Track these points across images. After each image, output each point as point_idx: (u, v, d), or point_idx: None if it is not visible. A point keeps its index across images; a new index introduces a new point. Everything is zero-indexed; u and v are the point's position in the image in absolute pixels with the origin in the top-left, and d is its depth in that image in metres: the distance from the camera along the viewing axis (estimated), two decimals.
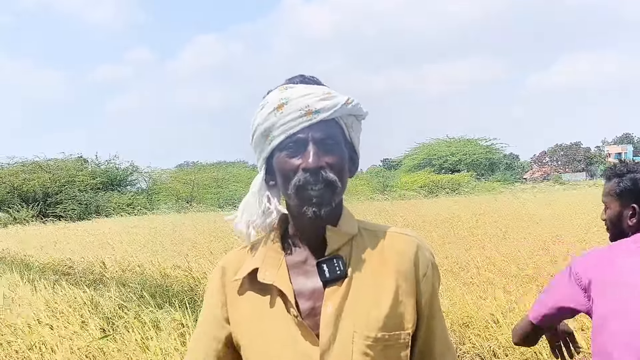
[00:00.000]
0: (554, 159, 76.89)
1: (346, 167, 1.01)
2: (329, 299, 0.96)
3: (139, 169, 36.82)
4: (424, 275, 1.03)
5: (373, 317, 0.97)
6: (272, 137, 0.98)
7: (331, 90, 1.02)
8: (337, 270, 0.98)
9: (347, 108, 1.00)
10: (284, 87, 1.01)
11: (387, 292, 0.99)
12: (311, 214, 0.95)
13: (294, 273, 1.00)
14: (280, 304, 0.99)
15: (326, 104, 0.97)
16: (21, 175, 30.86)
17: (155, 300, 5.23)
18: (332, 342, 0.95)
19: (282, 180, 0.98)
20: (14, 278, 6.81)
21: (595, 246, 6.52)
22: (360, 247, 1.02)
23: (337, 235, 1.01)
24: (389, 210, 15.57)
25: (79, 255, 9.99)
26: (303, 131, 0.96)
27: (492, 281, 5.28)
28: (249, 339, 1.00)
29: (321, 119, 0.97)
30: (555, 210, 12.25)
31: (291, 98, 0.97)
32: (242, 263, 1.05)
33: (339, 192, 0.98)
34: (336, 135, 0.99)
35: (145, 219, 20.97)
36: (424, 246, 1.05)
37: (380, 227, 1.08)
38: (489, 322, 4.19)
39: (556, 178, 52.62)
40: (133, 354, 3.67)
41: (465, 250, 7.21)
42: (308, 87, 1.00)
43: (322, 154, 0.95)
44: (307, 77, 1.04)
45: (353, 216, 1.07)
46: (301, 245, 1.03)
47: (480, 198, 19.91)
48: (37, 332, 4.19)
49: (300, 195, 0.96)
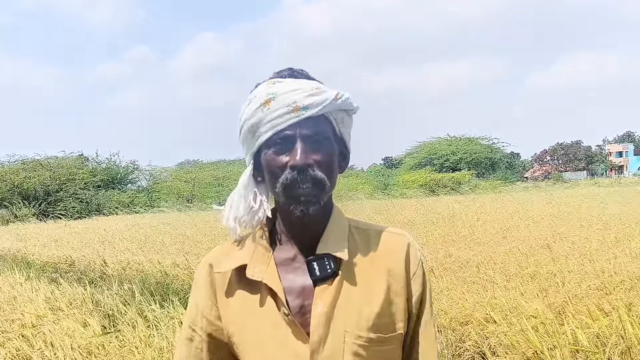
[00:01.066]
0: (555, 157, 76.77)
1: (335, 164, 0.99)
2: (319, 297, 0.95)
3: (140, 167, 36.89)
4: (414, 274, 1.02)
5: (364, 317, 0.96)
6: (259, 133, 0.96)
7: (320, 84, 0.99)
8: (328, 268, 0.96)
9: (337, 103, 0.97)
10: (272, 81, 0.98)
11: (378, 291, 0.98)
12: (299, 212, 0.94)
13: (283, 270, 0.99)
14: (269, 301, 0.97)
15: (314, 100, 0.95)
16: (22, 174, 30.89)
17: (155, 297, 5.23)
18: (323, 341, 0.94)
19: (270, 178, 0.97)
20: (15, 276, 6.82)
21: (596, 245, 6.49)
22: (351, 246, 1.00)
23: (331, 234, 1.00)
24: (389, 209, 15.55)
25: (79, 253, 10.00)
26: (291, 128, 0.94)
27: (493, 280, 5.28)
28: (239, 337, 0.99)
29: (309, 116, 0.94)
30: (555, 209, 12.23)
31: (279, 93, 0.95)
32: (229, 259, 1.03)
33: (328, 190, 0.96)
34: (325, 131, 0.97)
35: (146, 217, 20.96)
36: (414, 245, 1.05)
37: (371, 226, 1.07)
38: (490, 321, 4.19)
39: (557, 177, 52.57)
40: (135, 351, 3.67)
41: (466, 249, 7.20)
42: (296, 81, 0.97)
43: (310, 151, 0.94)
44: (295, 71, 1.01)
45: (343, 214, 1.05)
46: (290, 242, 1.01)
47: (481, 197, 19.88)
48: (38, 330, 4.19)
49: (288, 193, 0.94)
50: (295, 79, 0.98)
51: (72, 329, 4.13)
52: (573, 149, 75.21)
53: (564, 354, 3.28)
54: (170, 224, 15.55)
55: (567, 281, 4.74)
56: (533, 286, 4.86)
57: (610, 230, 7.49)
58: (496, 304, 4.40)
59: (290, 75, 0.99)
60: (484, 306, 4.43)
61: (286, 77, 0.99)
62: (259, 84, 1.00)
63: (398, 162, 55.52)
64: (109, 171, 35.04)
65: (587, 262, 5.40)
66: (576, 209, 11.68)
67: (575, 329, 3.42)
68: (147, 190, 35.24)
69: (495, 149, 48.47)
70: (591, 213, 10.25)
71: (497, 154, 48.18)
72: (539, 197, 17.54)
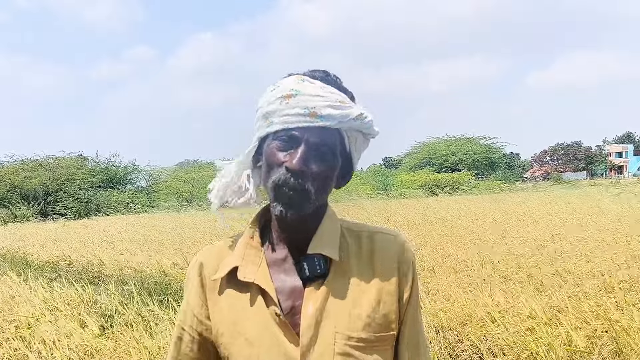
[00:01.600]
0: (555, 158, 76.79)
1: (331, 179, 0.97)
2: (309, 298, 0.95)
3: (139, 167, 36.87)
4: (405, 275, 1.01)
5: (355, 318, 0.95)
6: (270, 122, 0.95)
7: (346, 99, 0.96)
8: (318, 268, 0.96)
9: (356, 123, 0.95)
10: (302, 77, 0.96)
11: (370, 292, 0.98)
12: (277, 212, 0.94)
13: (274, 271, 0.98)
14: (260, 302, 0.96)
15: (334, 113, 0.92)
16: (21, 174, 30.86)
17: (153, 298, 5.23)
18: (313, 343, 0.93)
19: (266, 169, 0.96)
20: (13, 276, 6.81)
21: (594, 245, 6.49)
22: (343, 246, 1.00)
23: (322, 235, 0.99)
24: (389, 209, 15.55)
25: (78, 253, 10.00)
26: (300, 130, 0.92)
27: (491, 280, 5.28)
28: (229, 337, 0.98)
29: (323, 126, 0.92)
30: (554, 209, 12.24)
31: (302, 93, 0.93)
32: (221, 259, 1.03)
33: (312, 203, 0.94)
34: (333, 144, 0.95)
35: (145, 217, 20.97)
36: (406, 246, 1.04)
37: (363, 226, 1.07)
38: (487, 321, 4.19)
39: (557, 177, 52.57)
40: (132, 351, 3.67)
41: (465, 249, 7.21)
42: (324, 88, 0.95)
43: (310, 159, 0.92)
44: (329, 76, 0.98)
45: (336, 215, 1.05)
46: (281, 242, 1.00)
47: (480, 197, 19.90)
48: (36, 330, 4.19)
49: (276, 191, 0.93)
50: (325, 85, 0.95)
51: (69, 329, 4.13)
52: (573, 150, 75.22)
53: (559, 355, 3.28)
54: (169, 223, 15.56)
55: (565, 282, 4.74)
56: (531, 286, 4.87)
57: (609, 231, 7.50)
58: (494, 304, 4.41)
59: (323, 79, 0.97)
60: (482, 306, 4.44)
61: (317, 79, 0.97)
62: (291, 74, 0.98)
63: (397, 163, 55.50)
64: (108, 171, 35.01)
65: (585, 263, 5.41)
66: (575, 209, 11.69)
67: (571, 331, 3.42)
68: (146, 190, 35.22)
69: (495, 149, 48.44)
70: (590, 214, 10.26)
71: (496, 154, 48.16)
72: (538, 197, 17.54)
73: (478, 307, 4.46)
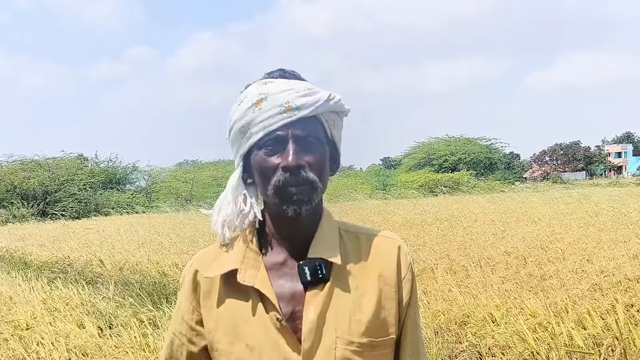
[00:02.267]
0: (554, 158, 76.82)
1: (327, 166, 0.98)
2: (310, 303, 0.94)
3: (139, 168, 36.85)
4: (404, 278, 1.01)
5: (356, 322, 0.94)
6: (250, 134, 0.94)
7: (312, 85, 0.98)
8: (320, 273, 0.94)
9: (329, 104, 0.96)
10: (263, 81, 0.97)
11: (370, 296, 0.97)
12: (292, 212, 0.92)
13: (273, 275, 0.97)
14: (260, 307, 0.95)
15: (307, 100, 0.93)
16: (20, 174, 30.82)
17: (153, 298, 5.23)
18: (315, 348, 0.92)
19: (261, 179, 0.95)
20: (12, 276, 6.80)
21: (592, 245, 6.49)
22: (342, 250, 0.99)
23: (322, 238, 0.98)
24: (388, 209, 15.54)
25: (77, 253, 9.99)
26: (282, 128, 0.92)
27: (490, 280, 5.28)
28: (227, 344, 0.97)
29: (301, 116, 0.93)
30: (553, 209, 12.24)
31: (270, 93, 0.93)
32: (218, 263, 1.01)
33: (320, 191, 0.95)
34: (317, 132, 0.95)
35: (145, 217, 20.95)
36: (404, 249, 1.03)
37: (361, 229, 1.06)
38: (487, 321, 4.19)
39: (556, 177, 52.60)
40: (130, 352, 3.67)
41: (464, 249, 7.20)
42: (288, 82, 0.96)
43: (302, 152, 0.92)
44: (287, 72, 1.00)
45: (333, 217, 1.04)
46: (279, 245, 0.99)
47: (479, 197, 19.88)
48: (34, 330, 4.18)
49: (280, 194, 0.92)
50: (287, 80, 0.96)
51: (68, 329, 4.13)
52: (572, 150, 75.25)
53: (560, 355, 3.28)
54: (168, 224, 15.54)
55: (565, 282, 4.74)
56: (530, 286, 4.86)
57: (608, 231, 7.49)
58: (493, 305, 4.40)
59: (282, 76, 0.98)
60: (481, 307, 4.43)
61: (277, 77, 0.97)
62: (250, 85, 0.99)
63: (397, 163, 55.54)
64: (108, 172, 35.00)
65: (584, 263, 5.41)
66: (574, 209, 11.69)
67: (571, 330, 3.42)
68: (145, 191, 35.19)
69: (494, 150, 48.51)
70: (589, 214, 10.26)
71: (495, 155, 48.22)
72: (538, 197, 17.54)
73: (477, 308, 4.45)
